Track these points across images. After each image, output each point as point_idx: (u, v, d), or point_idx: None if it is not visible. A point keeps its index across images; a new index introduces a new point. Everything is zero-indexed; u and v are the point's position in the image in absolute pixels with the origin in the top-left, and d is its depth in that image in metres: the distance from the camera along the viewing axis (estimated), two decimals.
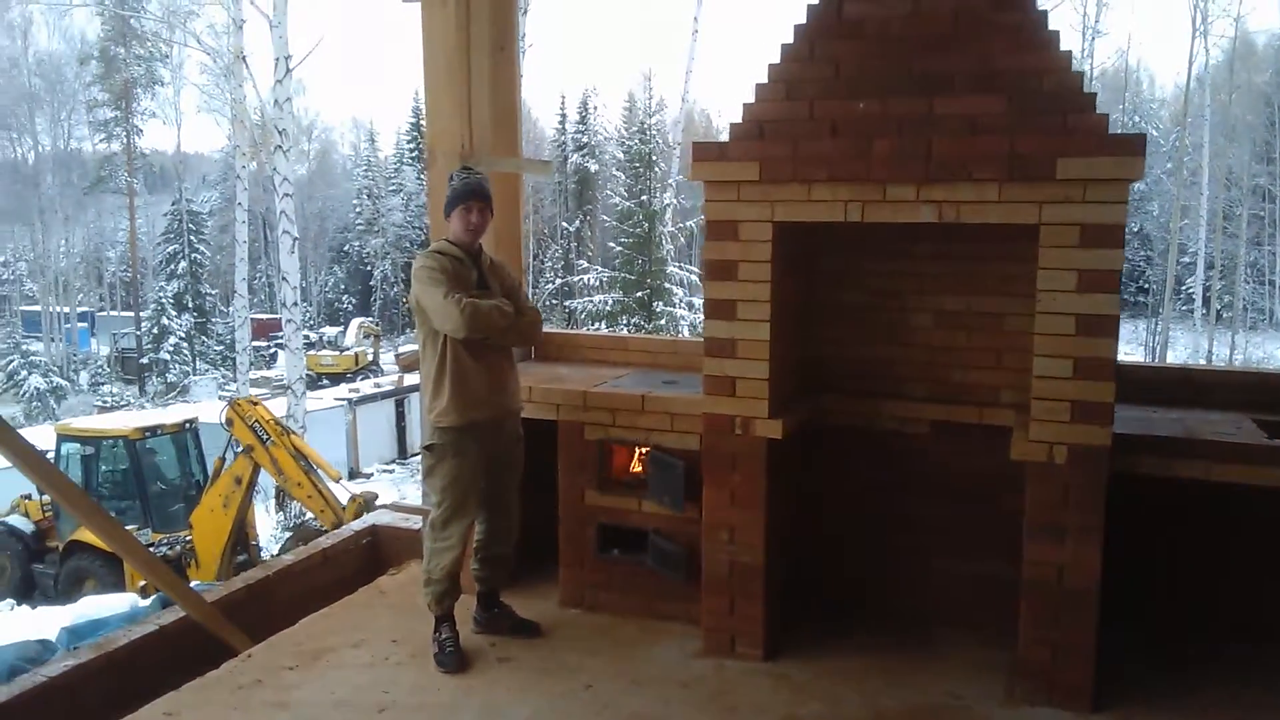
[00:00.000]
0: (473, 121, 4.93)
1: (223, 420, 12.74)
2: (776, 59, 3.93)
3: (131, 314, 43.93)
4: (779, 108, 3.86)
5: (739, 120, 3.89)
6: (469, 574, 4.22)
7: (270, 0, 20.25)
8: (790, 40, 3.95)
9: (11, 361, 36.31)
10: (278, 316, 26.12)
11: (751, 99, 3.91)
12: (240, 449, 12.68)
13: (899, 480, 4.30)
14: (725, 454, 3.95)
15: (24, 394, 34.82)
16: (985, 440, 3.97)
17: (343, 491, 12.86)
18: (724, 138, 3.89)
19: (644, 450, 4.49)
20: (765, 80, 3.89)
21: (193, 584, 7.57)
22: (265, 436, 12.40)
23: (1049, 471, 3.49)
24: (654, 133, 27.25)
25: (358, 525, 5.59)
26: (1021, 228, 3.46)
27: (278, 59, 20.09)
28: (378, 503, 14.81)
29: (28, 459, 3.80)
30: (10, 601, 11.31)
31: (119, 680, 3.92)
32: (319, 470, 12.66)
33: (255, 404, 13.08)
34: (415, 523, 5.36)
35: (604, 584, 4.50)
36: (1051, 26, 3.65)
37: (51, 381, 36.04)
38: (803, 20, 3.94)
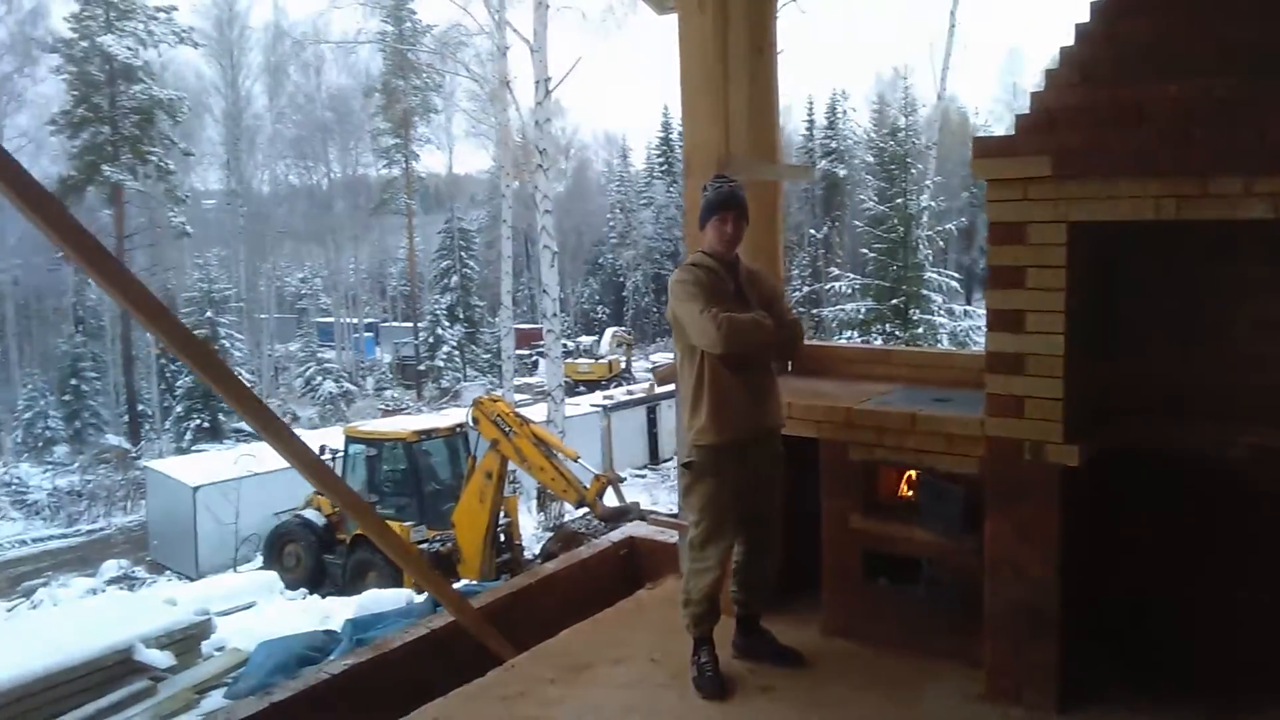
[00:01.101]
0: (730, 128, 4.79)
1: (469, 419, 13.51)
2: (1069, 42, 3.52)
3: (410, 324, 47.60)
4: (1074, 94, 3.45)
5: (1026, 110, 3.52)
6: (728, 596, 4.07)
7: (531, 26, 21.26)
8: (1085, 19, 3.53)
9: (309, 368, 40.26)
10: (539, 326, 27.36)
11: (1040, 86, 3.53)
12: (489, 445, 13.34)
13: (1212, 515, 3.73)
14: (1012, 482, 3.57)
15: (319, 398, 38.47)
16: None
17: (584, 471, 13.23)
18: (998, 132, 3.52)
19: (914, 473, 4.17)
20: (1056, 65, 3.50)
21: (462, 584, 7.98)
22: (507, 429, 12.97)
23: None
24: (908, 133, 26.24)
25: (616, 537, 5.60)
26: None
27: (538, 82, 21.04)
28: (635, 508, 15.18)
29: (310, 465, 4.02)
30: (303, 590, 12.38)
31: (393, 680, 4.08)
32: (558, 453, 13.11)
33: (496, 400, 13.78)
34: (672, 536, 5.28)
35: (872, 614, 4.21)
36: None
37: (342, 386, 39.59)
38: None
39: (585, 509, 13.17)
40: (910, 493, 4.23)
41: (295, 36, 44.26)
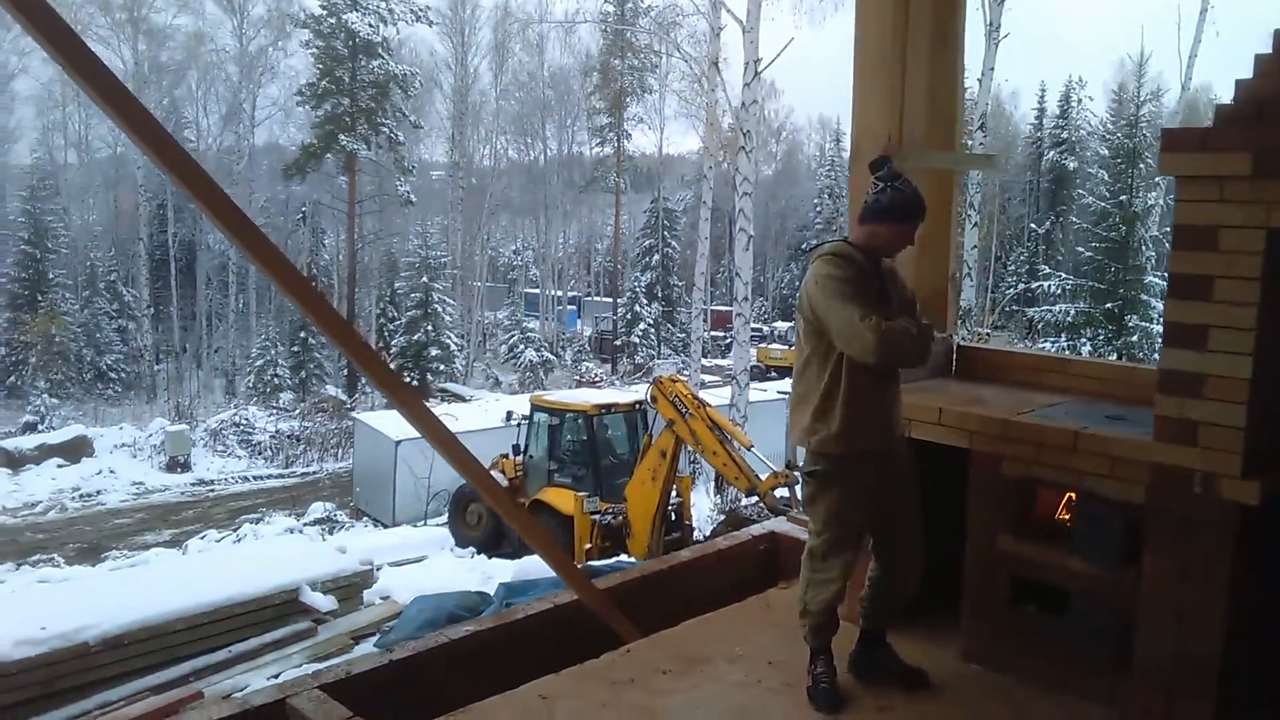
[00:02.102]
0: (905, 115, 4.51)
1: (647, 397, 13.59)
2: None
3: (611, 300, 48.63)
4: None
5: (1229, 101, 3.10)
6: (851, 606, 3.86)
7: (745, 6, 21.04)
8: None
9: (513, 336, 41.88)
10: (732, 309, 27.26)
11: (1249, 74, 3.10)
12: (665, 424, 13.38)
13: None
14: (1178, 516, 3.19)
15: (520, 365, 39.97)
16: None
17: (764, 466, 13.08)
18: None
19: (1073, 495, 3.81)
20: (1269, 50, 3.06)
21: (613, 560, 8.05)
22: (684, 410, 12.95)
23: None
24: (1145, 124, 24.14)
25: (757, 530, 5.45)
26: None
27: (747, 63, 20.80)
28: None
29: (436, 434, 4.09)
30: (471, 550, 12.85)
31: (511, 651, 4.12)
32: (732, 440, 12.99)
33: (676, 381, 13.75)
34: None
35: (1014, 643, 3.89)
36: None
37: (542, 355, 40.94)
38: None
39: (756, 498, 13.04)
40: (1067, 517, 3.87)
41: (520, 16, 45.88)
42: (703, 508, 18.33)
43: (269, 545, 11.42)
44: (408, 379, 35.80)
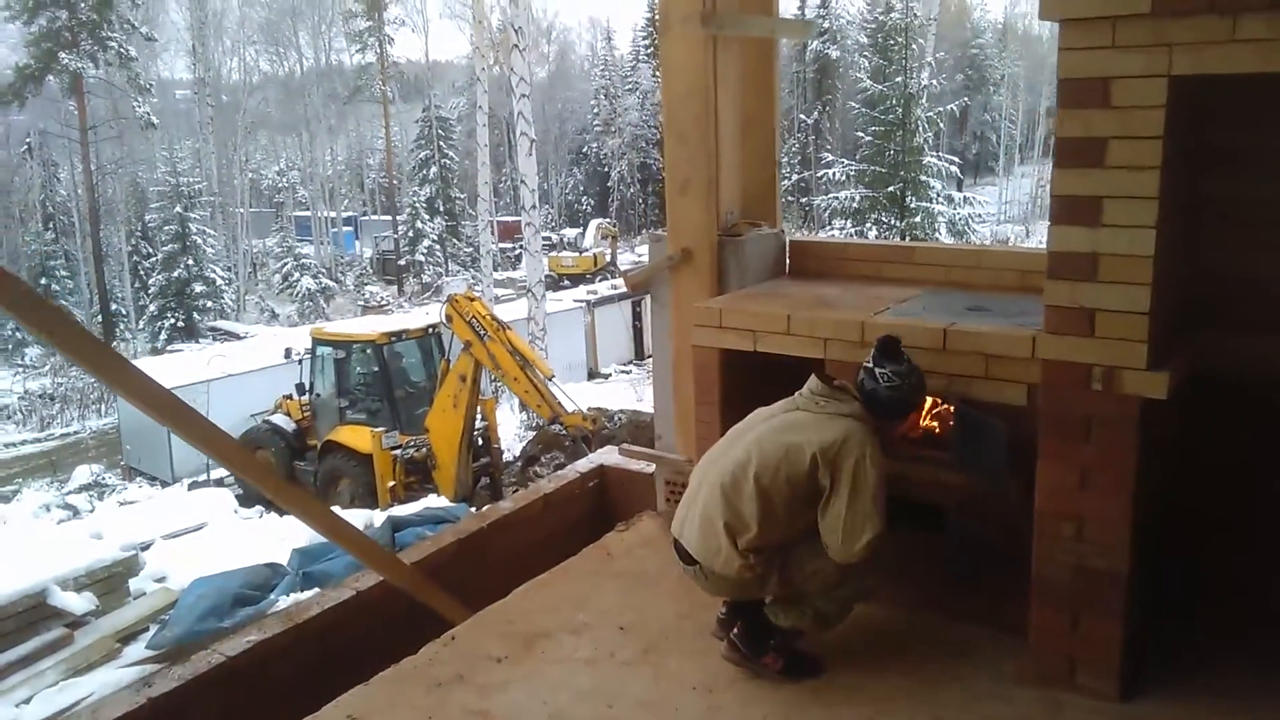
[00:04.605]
0: None
1: (442, 317, 12.73)
2: None
3: (390, 218, 46.19)
4: None
5: None
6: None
7: None
8: None
9: (286, 264, 39.05)
10: (519, 219, 26.26)
11: None
12: (463, 347, 12.59)
13: None
14: (1076, 418, 2.79)
15: (297, 294, 37.40)
16: None
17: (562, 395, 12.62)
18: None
19: (940, 402, 3.39)
20: None
21: (419, 507, 7.30)
22: (482, 332, 12.21)
23: None
24: (907, 6, 24.48)
25: (584, 466, 4.85)
26: None
27: None
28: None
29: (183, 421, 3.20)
30: (260, 508, 11.72)
31: (306, 659, 3.36)
32: (533, 368, 12.43)
33: (473, 299, 12.93)
34: (649, 468, 4.54)
35: (890, 570, 3.47)
36: None
37: (320, 283, 38.48)
38: None
39: (558, 426, 12.50)
40: (935, 426, 3.46)
41: None
42: (510, 426, 17.70)
43: (6, 538, 9.76)
44: (171, 321, 32.85)
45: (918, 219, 21.05)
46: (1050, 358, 2.81)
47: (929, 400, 3.38)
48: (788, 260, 4.27)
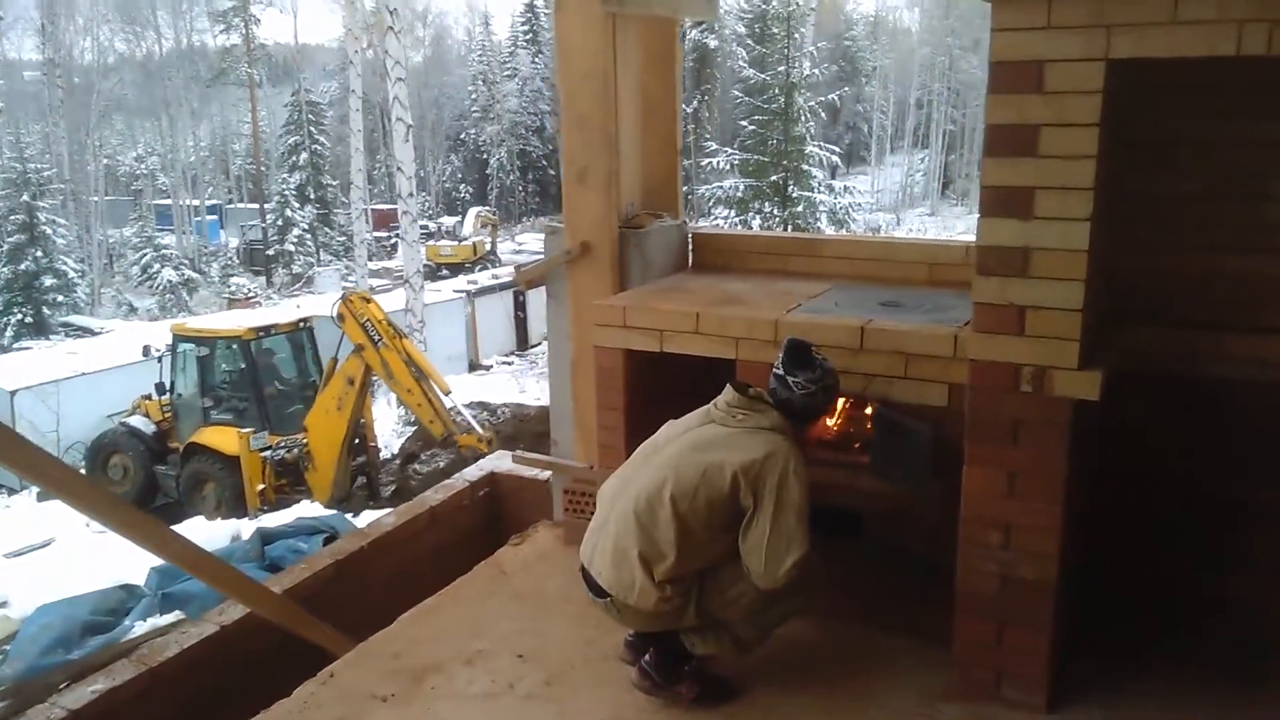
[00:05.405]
0: None
1: (333, 315, 11.99)
2: None
3: (257, 206, 44.23)
4: None
5: None
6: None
7: None
8: None
9: (145, 255, 36.94)
10: (395, 207, 25.43)
11: None
12: (352, 348, 11.95)
13: (1244, 451, 2.92)
14: (1004, 420, 2.64)
15: (158, 286, 35.42)
16: None
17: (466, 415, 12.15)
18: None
19: (851, 402, 3.23)
20: None
21: (293, 518, 6.82)
22: (377, 337, 11.61)
23: None
24: None
25: (473, 475, 4.53)
26: None
27: None
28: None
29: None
30: None
31: (168, 706, 2.97)
32: (429, 380, 11.86)
33: (368, 301, 12.22)
34: (543, 475, 4.26)
35: (813, 590, 3.28)
36: None
37: (183, 274, 36.52)
38: None
39: (451, 443, 12.00)
40: (850, 428, 3.29)
41: None
42: (387, 422, 17.07)
43: None
44: (19, 317, 30.67)
45: (800, 208, 21.24)
46: (978, 358, 2.65)
47: (844, 400, 3.20)
48: (690, 253, 4.04)
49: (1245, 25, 2.20)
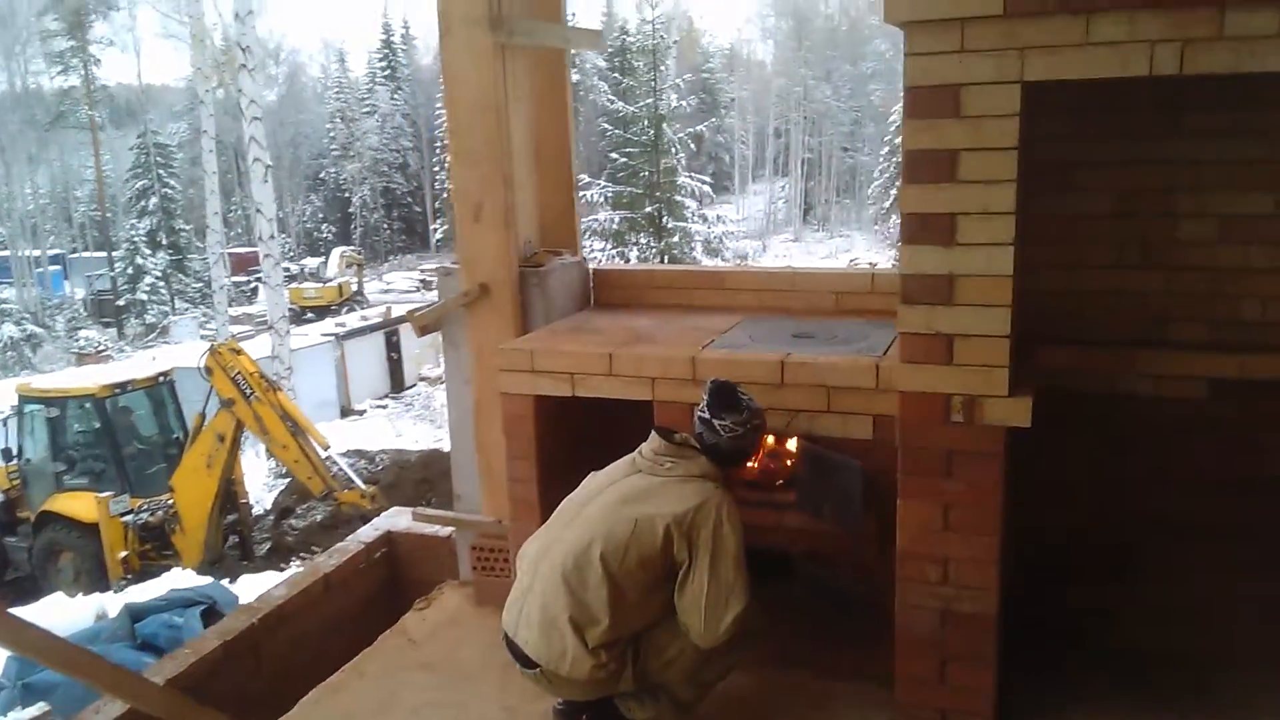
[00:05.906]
0: None
1: (201, 368, 11.27)
2: None
3: (105, 254, 41.95)
4: None
5: None
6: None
7: None
8: None
9: None
10: (255, 250, 24.45)
11: None
12: (221, 403, 11.27)
13: (1160, 466, 2.95)
14: (936, 452, 2.58)
15: None
16: None
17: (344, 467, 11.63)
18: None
19: (776, 439, 3.13)
20: None
21: (165, 591, 6.30)
22: (249, 391, 10.98)
23: None
24: (653, 29, 24.86)
25: (368, 535, 4.24)
26: None
27: None
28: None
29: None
30: None
31: None
32: (307, 435, 11.29)
33: (239, 352, 11.55)
34: (444, 531, 4.02)
35: (754, 644, 3.15)
36: None
37: (25, 329, 34.35)
38: None
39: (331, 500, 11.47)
40: (774, 466, 3.19)
41: None
42: (258, 475, 16.26)
43: None
44: None
45: (675, 239, 21.39)
46: (907, 389, 2.59)
47: (769, 438, 3.10)
48: (592, 290, 3.90)
49: (1156, 45, 2.21)
